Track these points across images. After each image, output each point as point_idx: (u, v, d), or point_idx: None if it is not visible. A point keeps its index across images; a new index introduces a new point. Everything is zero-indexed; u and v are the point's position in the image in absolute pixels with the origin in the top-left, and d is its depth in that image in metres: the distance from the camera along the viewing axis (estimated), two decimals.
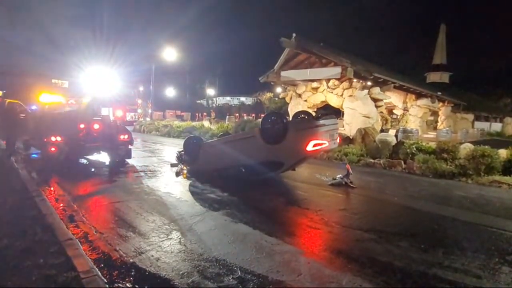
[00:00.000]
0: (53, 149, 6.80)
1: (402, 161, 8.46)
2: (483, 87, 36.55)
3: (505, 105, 35.07)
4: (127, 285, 2.50)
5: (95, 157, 8.45)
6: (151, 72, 25.00)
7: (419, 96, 18.79)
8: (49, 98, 8.71)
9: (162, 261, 2.89)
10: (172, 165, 7.44)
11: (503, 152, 7.82)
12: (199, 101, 52.86)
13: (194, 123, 19.40)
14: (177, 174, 6.85)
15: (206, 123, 18.87)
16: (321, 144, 5.43)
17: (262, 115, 18.89)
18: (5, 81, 20.24)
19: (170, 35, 49.97)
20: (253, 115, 38.17)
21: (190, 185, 6.00)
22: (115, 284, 2.50)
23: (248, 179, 6.18)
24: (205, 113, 40.06)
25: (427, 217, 4.55)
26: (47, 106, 8.65)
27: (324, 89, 14.57)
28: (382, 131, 13.03)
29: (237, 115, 38.99)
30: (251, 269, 2.77)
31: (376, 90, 13.04)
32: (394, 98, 17.97)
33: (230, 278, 2.63)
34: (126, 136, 8.02)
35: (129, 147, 8.16)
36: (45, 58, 23.98)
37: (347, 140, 11.01)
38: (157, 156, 9.68)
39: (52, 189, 5.34)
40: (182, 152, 7.26)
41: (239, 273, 2.70)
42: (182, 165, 7.15)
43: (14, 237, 3.17)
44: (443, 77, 33.62)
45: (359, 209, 4.86)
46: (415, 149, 8.64)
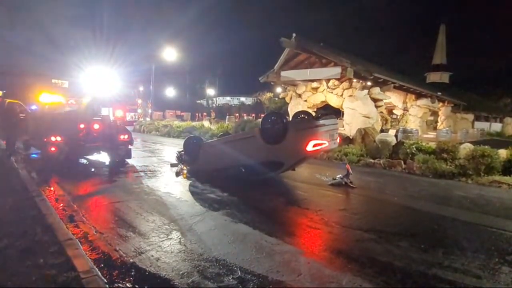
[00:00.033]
0: (53, 149, 6.81)
1: (402, 161, 8.46)
2: (483, 87, 36.58)
3: (505, 105, 35.08)
4: (127, 285, 2.50)
5: (95, 157, 8.45)
6: (151, 72, 25.02)
7: (419, 96, 18.80)
8: (49, 98, 8.71)
9: (162, 261, 2.89)
10: (172, 165, 7.44)
11: (503, 152, 7.82)
12: (199, 101, 52.86)
13: (194, 123, 19.40)
14: (177, 174, 6.85)
15: (206, 123, 18.87)
16: (321, 144, 5.43)
17: (262, 115, 18.88)
18: (5, 81, 20.23)
19: (170, 35, 49.99)
20: (253, 115, 38.16)
21: (190, 185, 6.00)
22: (115, 284, 2.50)
23: (248, 179, 6.18)
24: (205, 113, 40.06)
25: (427, 217, 4.55)
26: (47, 106, 8.66)
27: (324, 89, 14.57)
28: (382, 131, 13.04)
29: (237, 115, 38.99)
30: (251, 269, 2.77)
31: (376, 90, 13.05)
32: (394, 98, 17.98)
33: (230, 278, 2.63)
34: (126, 136, 8.02)
35: (129, 147, 8.17)
36: (45, 58, 23.99)
37: (347, 140, 11.01)
38: (157, 156, 9.68)
39: (52, 189, 5.34)
40: (182, 152, 7.26)
41: (239, 273, 2.70)
42: (182, 165, 7.15)
43: (14, 237, 3.18)
44: (443, 77, 33.64)
45: (359, 209, 4.86)
46: (415, 149, 8.64)
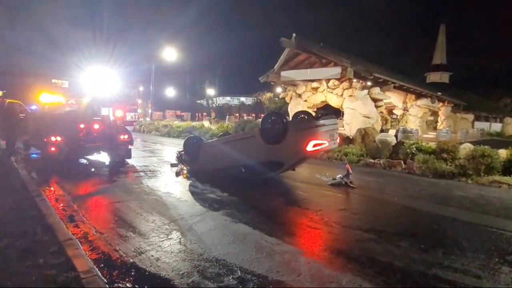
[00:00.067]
0: (53, 149, 6.80)
1: (402, 161, 8.46)
2: (483, 87, 36.59)
3: (505, 105, 35.09)
4: (127, 285, 2.50)
5: (95, 157, 8.45)
6: (151, 72, 25.02)
7: (419, 96, 18.79)
8: (49, 98, 8.71)
9: (162, 261, 2.89)
10: (172, 165, 7.44)
11: (503, 152, 7.82)
12: (199, 101, 52.85)
13: (194, 123, 19.40)
14: (177, 174, 6.85)
15: (206, 123, 18.87)
16: (321, 144, 5.43)
17: (262, 115, 18.87)
18: (5, 81, 20.22)
19: (170, 35, 50.00)
20: (253, 115, 38.15)
21: (190, 185, 6.00)
22: (115, 284, 2.50)
23: (248, 179, 6.18)
24: (205, 113, 40.06)
25: (427, 217, 4.55)
26: (47, 106, 8.66)
27: (324, 89, 14.57)
28: (382, 131, 13.03)
29: (237, 115, 38.98)
30: (251, 269, 2.77)
31: (376, 90, 13.04)
32: (394, 98, 17.98)
33: (230, 278, 2.63)
34: (126, 136, 8.02)
35: (129, 147, 8.17)
36: (45, 58, 24.00)
37: (347, 140, 11.01)
38: (157, 156, 9.68)
39: (52, 189, 5.34)
40: (182, 152, 7.26)
41: (239, 273, 2.70)
42: (182, 165, 7.15)
43: (14, 237, 3.18)
44: (443, 77, 33.64)
45: (359, 209, 4.86)
46: (415, 149, 8.64)
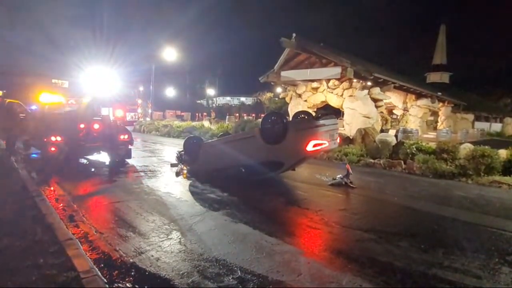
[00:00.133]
0: (53, 149, 6.81)
1: (402, 161, 8.46)
2: (483, 87, 36.61)
3: (505, 105, 35.10)
4: (127, 285, 2.50)
5: (95, 157, 8.45)
6: (151, 72, 25.03)
7: (419, 96, 18.80)
8: (49, 98, 8.71)
9: (162, 261, 2.89)
10: (172, 165, 7.44)
11: (503, 152, 7.82)
12: (199, 101, 52.86)
13: (194, 123, 19.40)
14: (177, 174, 6.85)
15: (206, 123, 18.87)
16: (321, 144, 5.43)
17: (262, 115, 18.88)
18: (5, 81, 20.22)
19: (170, 35, 50.00)
20: (253, 115, 38.14)
21: (190, 185, 6.00)
22: (115, 284, 2.50)
23: (248, 179, 6.18)
24: (205, 113, 40.07)
25: (427, 217, 4.55)
26: (47, 106, 8.66)
27: (324, 89, 14.57)
28: (382, 131, 13.03)
29: (237, 115, 38.96)
30: (251, 269, 2.77)
31: (376, 90, 13.04)
32: (394, 98, 17.97)
33: (230, 278, 2.63)
34: (126, 136, 8.02)
35: (129, 147, 8.17)
36: (45, 58, 24.01)
37: (347, 140, 11.01)
38: (157, 156, 9.68)
39: (52, 189, 5.34)
40: (182, 152, 7.26)
41: (239, 273, 2.70)
42: (182, 165, 7.15)
43: (14, 237, 3.17)
44: (443, 77, 33.61)
45: (359, 209, 4.86)
46: (415, 149, 8.64)
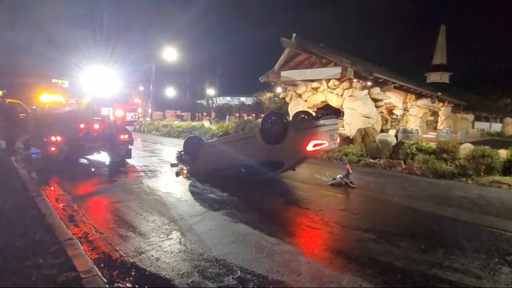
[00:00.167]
0: (53, 149, 6.81)
1: (402, 161, 8.45)
2: (483, 87, 36.59)
3: (505, 105, 35.10)
4: (127, 285, 2.50)
5: (95, 157, 8.45)
6: (151, 72, 25.05)
7: (419, 96, 18.79)
8: (49, 98, 8.72)
9: (162, 261, 2.89)
10: (172, 165, 7.44)
11: (503, 152, 7.82)
12: (199, 101, 52.86)
13: (194, 123, 19.40)
14: (177, 174, 6.85)
15: (206, 123, 18.87)
16: (321, 144, 5.43)
17: (262, 115, 18.89)
18: (5, 81, 20.21)
19: (170, 35, 50.11)
20: (253, 115, 38.14)
21: (190, 185, 6.00)
22: (115, 284, 2.50)
23: (248, 179, 6.18)
24: (205, 113, 40.07)
25: (427, 217, 4.55)
26: (47, 106, 8.66)
27: (324, 89, 14.56)
28: (382, 131, 13.04)
29: (237, 115, 38.96)
30: (251, 269, 2.77)
31: (376, 90, 13.04)
32: (394, 98, 17.97)
33: (230, 278, 2.63)
34: (126, 136, 8.02)
35: (129, 147, 8.17)
36: (45, 58, 23.99)
37: (347, 140, 11.01)
38: (157, 156, 9.68)
39: (52, 189, 5.34)
40: (182, 152, 7.26)
41: (239, 273, 2.70)
42: (182, 165, 7.15)
43: (14, 237, 3.17)
44: (443, 77, 33.62)
45: (359, 209, 4.86)
46: (415, 149, 8.64)
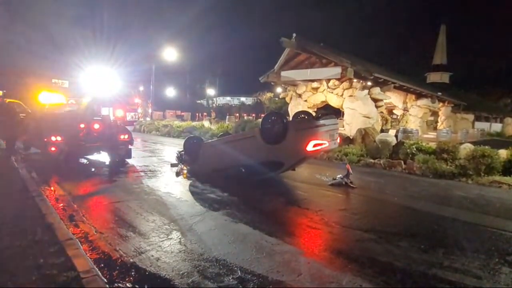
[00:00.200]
0: (53, 149, 6.81)
1: (402, 161, 8.45)
2: (483, 87, 36.58)
3: (505, 105, 35.05)
4: (127, 285, 2.50)
5: (95, 157, 8.45)
6: (151, 72, 25.08)
7: (419, 96, 18.79)
8: (50, 97, 8.72)
9: (162, 261, 2.89)
10: (172, 165, 7.44)
11: (503, 153, 7.81)
12: (199, 101, 52.87)
13: (194, 123, 19.40)
14: (177, 174, 6.85)
15: (206, 123, 18.87)
16: (321, 144, 5.43)
17: (262, 115, 18.89)
18: (5, 81, 20.20)
19: (170, 34, 50.16)
20: (253, 115, 38.11)
21: (190, 185, 6.00)
22: (115, 284, 2.49)
23: (248, 179, 6.18)
24: (205, 113, 40.07)
25: (427, 217, 4.55)
26: (47, 106, 8.66)
27: (324, 89, 14.57)
28: (382, 131, 13.04)
29: (237, 115, 38.95)
30: (251, 269, 2.77)
31: (376, 90, 13.05)
32: (394, 98, 17.97)
33: (230, 278, 2.63)
34: (126, 136, 8.02)
35: (129, 147, 8.17)
36: (45, 58, 23.97)
37: (347, 140, 11.01)
38: (157, 156, 9.68)
39: (52, 189, 5.34)
40: (182, 152, 7.26)
41: (239, 273, 2.70)
42: (182, 165, 7.15)
43: (14, 237, 3.17)
44: (443, 77, 33.59)
45: (359, 209, 4.86)
46: (415, 149, 8.64)
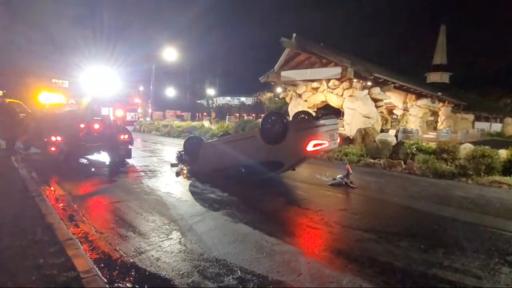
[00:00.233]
0: (53, 149, 6.81)
1: (402, 161, 8.45)
2: (483, 87, 36.60)
3: (505, 105, 35.06)
4: (127, 285, 2.50)
5: (95, 157, 8.45)
6: (151, 72, 25.08)
7: (419, 96, 18.79)
8: (50, 97, 8.72)
9: (162, 261, 2.89)
10: (172, 165, 7.44)
11: (503, 153, 7.81)
12: (199, 101, 52.88)
13: (194, 123, 19.40)
14: (177, 174, 6.85)
15: (206, 123, 18.87)
16: (321, 144, 5.43)
17: (262, 115, 18.89)
18: (5, 81, 20.20)
19: (170, 34, 50.23)
20: (253, 115, 38.13)
21: (190, 185, 6.00)
22: (115, 284, 2.50)
23: (248, 179, 6.18)
24: (205, 113, 40.08)
25: (427, 217, 4.55)
26: (47, 106, 8.66)
27: (324, 89, 14.56)
28: (382, 131, 13.04)
29: (237, 115, 38.95)
30: (251, 269, 2.77)
31: (376, 90, 13.05)
32: (394, 98, 17.97)
33: (230, 278, 2.63)
34: (126, 136, 8.02)
35: (129, 147, 8.17)
36: (45, 58, 23.98)
37: (347, 140, 11.01)
38: (157, 156, 9.68)
39: (52, 189, 5.34)
40: (182, 152, 7.26)
41: (239, 273, 2.70)
42: (182, 165, 7.15)
43: (14, 237, 3.17)
44: (443, 77, 33.59)
45: (359, 209, 4.86)
46: (415, 149, 8.64)
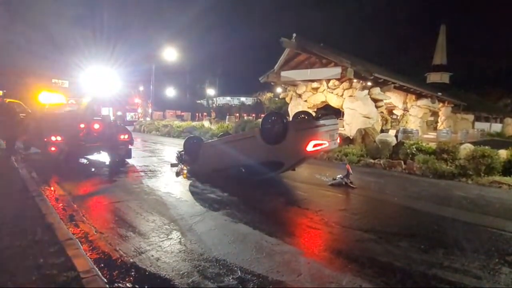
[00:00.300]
0: (53, 148, 6.81)
1: (402, 162, 8.45)
2: (483, 87, 36.61)
3: (505, 105, 35.06)
4: (127, 285, 2.50)
5: (95, 157, 8.45)
6: (151, 72, 25.05)
7: (419, 96, 18.80)
8: (50, 97, 8.72)
9: (162, 261, 2.89)
10: (172, 165, 7.44)
11: (503, 153, 7.82)
12: (199, 101, 52.90)
13: (194, 123, 19.42)
14: (177, 174, 6.85)
15: (206, 123, 18.88)
16: (321, 144, 5.43)
17: (262, 115, 18.92)
18: (5, 81, 20.19)
19: (170, 34, 50.27)
20: (253, 115, 38.21)
21: (190, 185, 6.00)
22: (115, 284, 2.50)
23: (248, 179, 6.18)
24: (205, 113, 40.14)
25: (427, 218, 4.55)
26: (47, 106, 8.66)
27: (324, 89, 14.57)
28: (382, 131, 13.04)
29: (237, 115, 38.99)
30: (251, 269, 2.77)
31: (376, 90, 13.05)
32: (394, 99, 17.97)
33: (230, 278, 2.63)
34: (126, 136, 8.03)
35: (129, 147, 8.17)
36: (45, 58, 23.97)
37: (347, 140, 11.01)
38: (157, 156, 9.68)
39: (52, 189, 5.34)
40: (182, 152, 7.27)
41: (239, 273, 2.70)
42: (182, 165, 7.15)
43: (14, 237, 3.17)
44: (443, 77, 33.59)
45: (359, 209, 4.86)
46: (415, 149, 8.64)
